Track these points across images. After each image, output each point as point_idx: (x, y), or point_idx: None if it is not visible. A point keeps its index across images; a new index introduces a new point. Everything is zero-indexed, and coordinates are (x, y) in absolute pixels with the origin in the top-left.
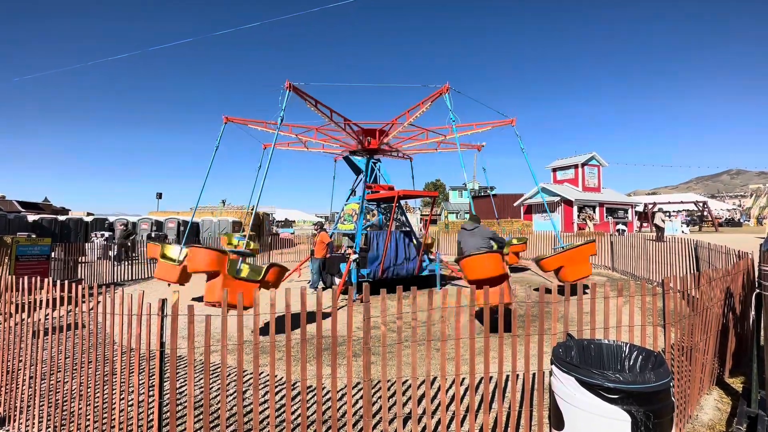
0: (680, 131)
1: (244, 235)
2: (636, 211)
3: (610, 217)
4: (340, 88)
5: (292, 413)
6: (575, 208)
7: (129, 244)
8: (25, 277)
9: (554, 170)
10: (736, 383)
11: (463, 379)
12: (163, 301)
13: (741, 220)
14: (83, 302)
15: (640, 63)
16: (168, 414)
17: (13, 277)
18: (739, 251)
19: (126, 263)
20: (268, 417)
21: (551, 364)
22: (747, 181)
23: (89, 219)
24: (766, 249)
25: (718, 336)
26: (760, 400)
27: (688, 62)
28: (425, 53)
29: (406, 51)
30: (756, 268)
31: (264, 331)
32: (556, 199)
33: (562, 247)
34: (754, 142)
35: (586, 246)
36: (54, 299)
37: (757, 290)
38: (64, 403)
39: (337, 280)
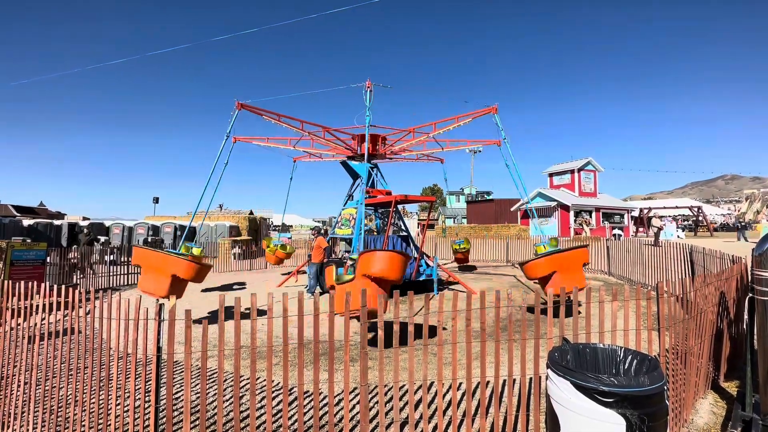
0: (675, 137)
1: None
2: (632, 216)
3: (606, 222)
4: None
5: (289, 419)
6: (572, 213)
7: (84, 251)
8: (21, 282)
9: (551, 175)
10: (731, 387)
11: (460, 383)
12: (161, 306)
13: (736, 225)
14: (79, 307)
15: (635, 68)
16: (164, 420)
17: (9, 282)
18: (733, 256)
19: (89, 273)
20: (264, 423)
21: (547, 368)
22: (741, 186)
23: (85, 223)
24: (758, 253)
25: (712, 340)
26: (754, 403)
27: (683, 67)
28: (422, 54)
29: (403, 53)
30: (749, 273)
31: (262, 336)
32: (553, 204)
33: (543, 245)
34: (749, 148)
35: (576, 251)
36: (50, 304)
37: (750, 294)
38: (59, 409)
39: None
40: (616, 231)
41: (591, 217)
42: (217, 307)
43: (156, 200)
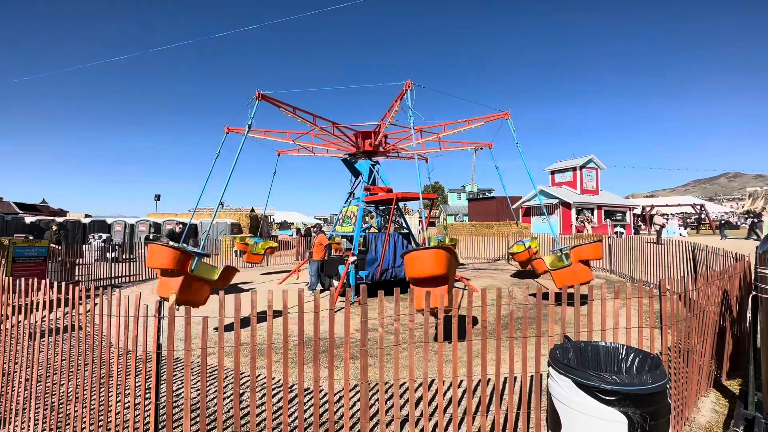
0: (678, 134)
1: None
2: (634, 214)
3: (608, 220)
4: (336, 92)
5: (290, 416)
6: (573, 211)
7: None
8: (22, 279)
9: (552, 173)
10: (734, 385)
11: (461, 381)
12: (161, 303)
13: (738, 223)
14: (80, 304)
15: (637, 65)
16: (164, 417)
17: (10, 278)
18: (736, 253)
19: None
20: (265, 420)
21: (548, 366)
22: (744, 183)
23: (87, 221)
24: (762, 251)
25: (715, 338)
26: (756, 402)
27: (686, 65)
28: (423, 54)
29: (404, 52)
30: (753, 271)
31: (262, 333)
32: (555, 201)
33: (560, 250)
34: (752, 145)
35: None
36: (51, 301)
37: (754, 292)
38: (60, 406)
39: (335, 282)
40: (618, 229)
41: (593, 214)
42: (216, 304)
43: (158, 197)
